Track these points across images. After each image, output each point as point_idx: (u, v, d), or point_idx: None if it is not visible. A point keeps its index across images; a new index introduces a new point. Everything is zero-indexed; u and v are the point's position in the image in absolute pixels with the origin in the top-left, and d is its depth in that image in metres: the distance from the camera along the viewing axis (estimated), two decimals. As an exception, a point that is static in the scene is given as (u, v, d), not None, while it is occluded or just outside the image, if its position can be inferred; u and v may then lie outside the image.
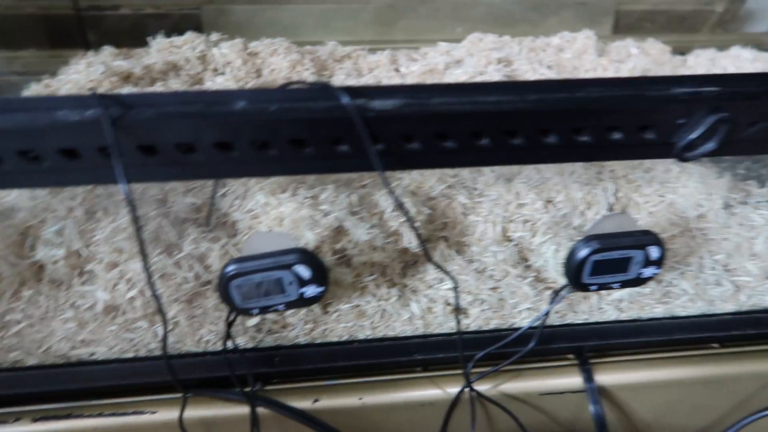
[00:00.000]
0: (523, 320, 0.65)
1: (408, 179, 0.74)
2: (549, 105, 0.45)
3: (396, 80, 1.09)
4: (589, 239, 0.53)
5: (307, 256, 0.51)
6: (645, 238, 0.53)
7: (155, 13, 1.36)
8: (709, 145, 0.46)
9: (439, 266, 0.63)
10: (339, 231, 0.63)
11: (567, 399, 0.64)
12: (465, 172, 0.76)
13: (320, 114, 0.44)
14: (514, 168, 0.77)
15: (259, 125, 0.44)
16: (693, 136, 0.46)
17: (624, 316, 0.66)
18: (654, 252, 0.54)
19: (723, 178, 0.73)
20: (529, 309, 0.65)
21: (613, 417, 0.66)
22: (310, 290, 0.54)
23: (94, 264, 0.63)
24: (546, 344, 0.64)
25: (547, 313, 0.60)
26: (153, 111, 0.43)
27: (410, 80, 1.09)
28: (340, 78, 1.09)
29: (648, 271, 0.55)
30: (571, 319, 0.66)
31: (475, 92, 0.45)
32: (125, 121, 0.42)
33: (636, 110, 0.45)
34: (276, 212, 0.63)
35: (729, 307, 0.65)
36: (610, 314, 0.65)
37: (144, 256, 0.45)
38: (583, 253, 0.53)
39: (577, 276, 0.54)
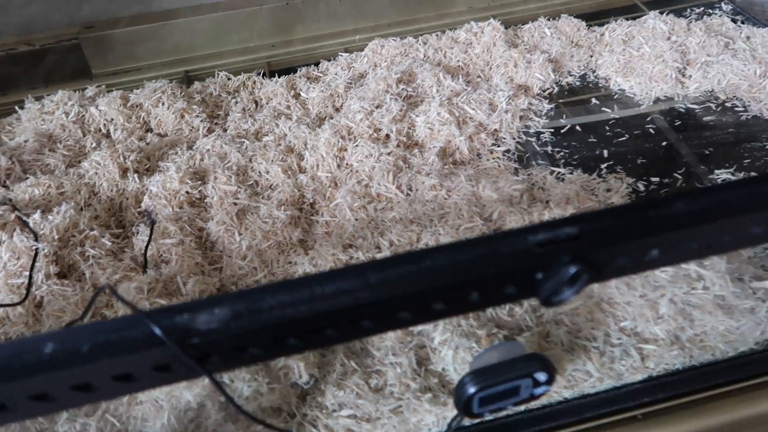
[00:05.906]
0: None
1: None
2: (395, 288, 0.40)
3: (297, 109, 1.02)
4: (474, 376, 0.50)
5: None
6: (530, 365, 0.51)
7: (29, 50, 1.24)
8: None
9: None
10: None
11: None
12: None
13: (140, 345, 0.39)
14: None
15: (75, 372, 0.39)
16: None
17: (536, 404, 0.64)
18: (541, 376, 0.51)
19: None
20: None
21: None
22: None
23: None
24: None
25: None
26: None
27: (311, 107, 1.02)
28: (236, 116, 1.01)
29: (540, 390, 0.53)
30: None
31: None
32: None
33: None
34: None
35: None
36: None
37: None
38: (469, 391, 0.51)
39: (467, 409, 0.52)
